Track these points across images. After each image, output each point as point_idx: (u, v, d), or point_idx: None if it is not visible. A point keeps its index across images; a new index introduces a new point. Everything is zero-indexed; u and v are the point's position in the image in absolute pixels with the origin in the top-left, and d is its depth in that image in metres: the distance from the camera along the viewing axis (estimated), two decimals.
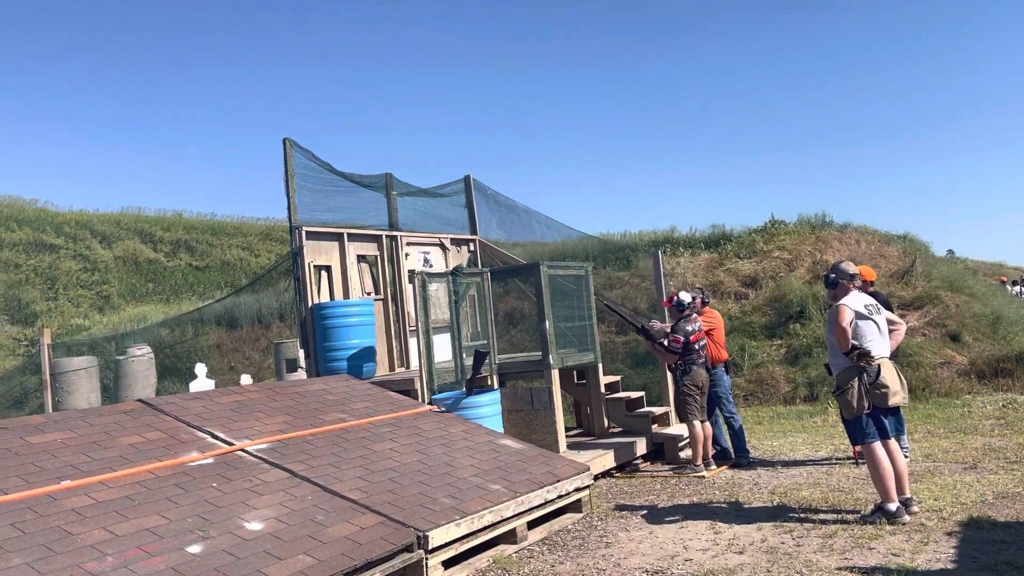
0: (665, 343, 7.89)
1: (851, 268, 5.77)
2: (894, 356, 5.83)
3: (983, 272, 24.13)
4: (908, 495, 5.66)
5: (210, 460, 5.29)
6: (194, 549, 4.15)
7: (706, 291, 8.84)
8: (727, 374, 8.46)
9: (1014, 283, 27.15)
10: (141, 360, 15.15)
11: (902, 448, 7.28)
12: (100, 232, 28.70)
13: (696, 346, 7.84)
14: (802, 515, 5.91)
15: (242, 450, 5.54)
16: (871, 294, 6.55)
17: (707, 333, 8.11)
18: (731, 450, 8.26)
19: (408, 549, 4.72)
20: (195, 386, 13.01)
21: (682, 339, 7.78)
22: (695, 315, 7.99)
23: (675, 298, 8.06)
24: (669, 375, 9.13)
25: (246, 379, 14.09)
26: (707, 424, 7.90)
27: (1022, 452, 7.45)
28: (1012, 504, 5.73)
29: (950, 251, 23.11)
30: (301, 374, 11.62)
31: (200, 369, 13.65)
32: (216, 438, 5.67)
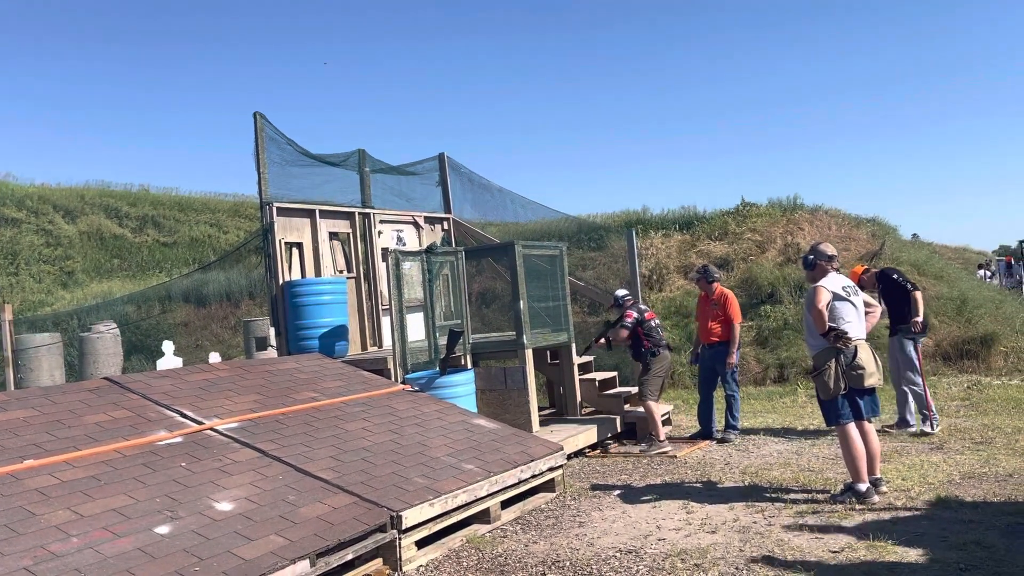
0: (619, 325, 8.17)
1: (829, 249, 5.79)
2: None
3: (947, 256, 24.52)
4: (878, 475, 5.73)
5: (179, 439, 5.18)
6: (162, 530, 4.06)
7: (711, 267, 8.76)
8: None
9: (979, 267, 27.63)
10: (106, 337, 14.87)
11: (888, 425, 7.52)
12: (63, 206, 28.10)
13: (653, 323, 8.18)
14: (773, 495, 5.95)
15: (212, 429, 5.44)
16: None
17: (723, 309, 8.34)
18: (717, 428, 8.37)
19: (381, 529, 4.67)
20: (162, 364, 12.81)
21: (635, 315, 8.09)
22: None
23: (615, 296, 8.45)
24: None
25: (215, 357, 13.89)
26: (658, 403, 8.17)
27: (987, 433, 7.58)
28: (979, 484, 5.82)
29: (915, 235, 23.42)
30: (271, 352, 11.49)
31: (167, 346, 13.44)
32: (185, 417, 5.56)
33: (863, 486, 5.53)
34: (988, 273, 26.54)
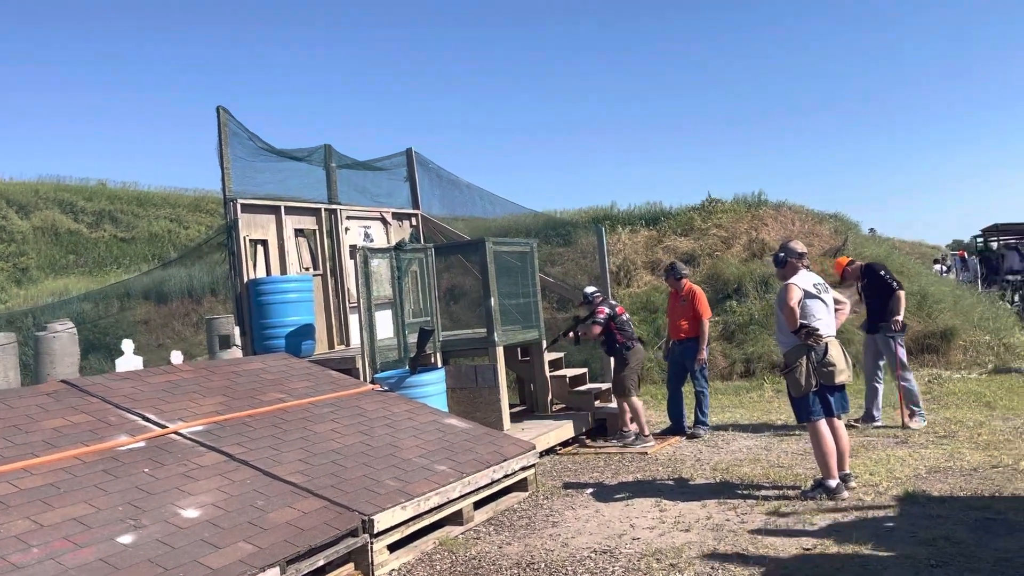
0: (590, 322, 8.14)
1: (799, 247, 5.82)
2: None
3: (904, 251, 24.93)
4: (847, 471, 5.78)
5: (141, 444, 5.03)
6: (125, 539, 3.93)
7: (679, 264, 8.78)
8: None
9: (935, 261, 28.15)
10: (63, 336, 14.46)
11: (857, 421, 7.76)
12: (16, 201, 27.38)
13: (624, 318, 8.18)
14: (745, 491, 5.97)
15: (175, 433, 5.30)
16: None
17: (691, 305, 8.33)
18: (687, 424, 8.41)
19: (353, 534, 4.58)
20: (122, 363, 12.47)
21: (607, 310, 8.08)
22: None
23: (584, 293, 8.40)
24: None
25: (176, 356, 13.55)
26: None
27: (950, 427, 7.70)
28: (945, 478, 5.90)
29: (872, 230, 23.73)
30: (235, 351, 11.25)
31: (127, 345, 13.07)
32: (147, 420, 5.40)
33: (833, 482, 5.57)
34: (944, 268, 27.02)
